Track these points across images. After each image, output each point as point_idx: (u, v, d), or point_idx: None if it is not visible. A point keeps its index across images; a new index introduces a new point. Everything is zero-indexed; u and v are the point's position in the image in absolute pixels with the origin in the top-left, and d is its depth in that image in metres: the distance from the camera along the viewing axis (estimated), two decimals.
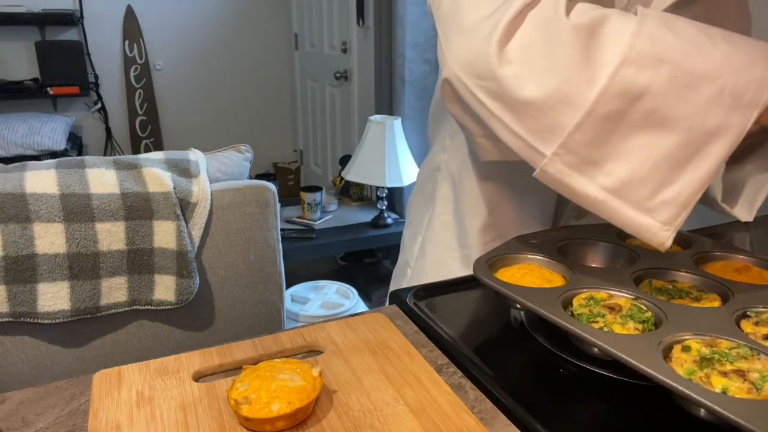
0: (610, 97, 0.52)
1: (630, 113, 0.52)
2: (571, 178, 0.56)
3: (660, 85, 0.51)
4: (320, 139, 3.92)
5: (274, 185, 1.25)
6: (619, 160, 0.54)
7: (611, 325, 0.55)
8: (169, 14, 3.79)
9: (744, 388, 0.47)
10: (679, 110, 0.51)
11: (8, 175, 1.03)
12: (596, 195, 0.55)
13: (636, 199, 0.54)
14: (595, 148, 0.54)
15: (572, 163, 0.55)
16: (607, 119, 0.53)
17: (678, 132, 0.52)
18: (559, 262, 0.68)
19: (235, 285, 1.20)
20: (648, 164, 0.53)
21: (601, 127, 0.53)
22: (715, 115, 0.51)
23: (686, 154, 0.52)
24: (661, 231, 0.55)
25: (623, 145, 0.53)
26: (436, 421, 0.52)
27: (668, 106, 0.52)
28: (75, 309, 1.03)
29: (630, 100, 0.52)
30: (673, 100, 0.51)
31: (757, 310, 0.58)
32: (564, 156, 0.55)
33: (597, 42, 0.53)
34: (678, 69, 0.51)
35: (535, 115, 0.55)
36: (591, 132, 0.53)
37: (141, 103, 3.83)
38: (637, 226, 0.55)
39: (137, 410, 0.54)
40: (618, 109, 0.52)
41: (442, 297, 0.77)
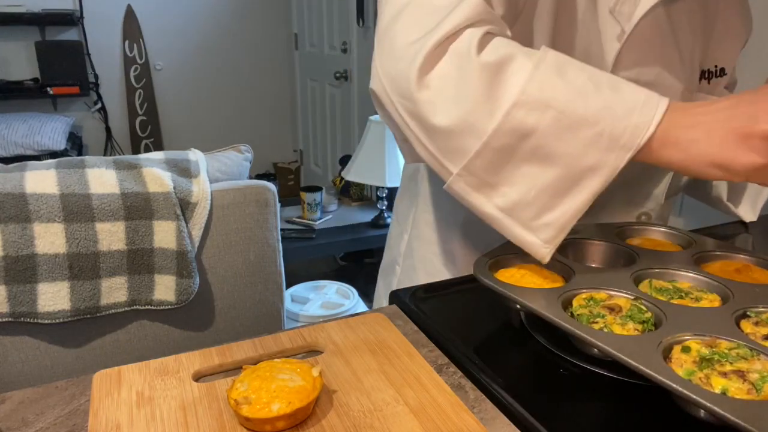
0: (503, 133, 0.59)
1: (519, 147, 0.60)
2: (471, 197, 0.64)
3: (545, 127, 0.58)
4: (320, 139, 3.92)
5: (274, 185, 1.25)
6: (512, 186, 0.62)
7: (611, 326, 0.55)
8: (169, 14, 3.79)
9: (744, 389, 0.47)
10: (561, 149, 0.59)
11: (8, 175, 1.03)
12: (492, 212, 0.63)
13: (523, 219, 0.62)
14: (491, 174, 0.62)
15: (473, 183, 0.63)
16: (501, 151, 0.60)
17: (559, 167, 0.59)
18: (559, 262, 0.68)
19: (235, 285, 1.20)
20: (533, 191, 0.61)
21: (496, 157, 0.60)
22: (592, 155, 0.58)
23: (565, 185, 0.60)
24: (542, 248, 0.62)
25: (514, 173, 0.61)
26: (436, 421, 0.52)
27: (551, 145, 0.59)
28: (75, 309, 1.03)
29: (519, 137, 0.59)
30: (555, 141, 0.58)
31: (757, 310, 0.58)
32: (466, 177, 0.62)
33: (499, 80, 0.59)
34: (561, 114, 0.58)
35: (444, 139, 0.62)
36: (487, 160, 0.61)
37: (141, 103, 3.84)
38: (524, 242, 0.63)
39: (137, 410, 0.54)
40: (509, 144, 0.59)
41: (442, 297, 0.77)
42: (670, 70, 0.73)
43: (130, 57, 3.74)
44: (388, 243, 1.07)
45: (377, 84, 0.66)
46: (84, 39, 3.58)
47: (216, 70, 4.02)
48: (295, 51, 4.08)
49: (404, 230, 1.00)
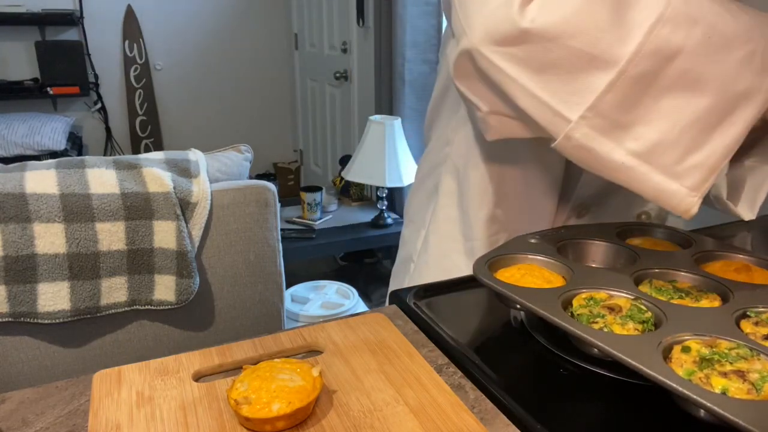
0: (643, 56, 0.50)
1: (663, 74, 0.51)
2: (597, 143, 0.54)
3: (694, 45, 0.50)
4: (320, 139, 3.92)
5: (274, 185, 1.25)
6: (649, 124, 0.52)
7: (611, 326, 0.55)
8: (169, 14, 3.79)
9: (744, 389, 0.47)
10: (712, 72, 0.51)
11: (8, 175, 1.03)
12: (623, 160, 0.54)
13: (664, 163, 0.53)
14: (624, 111, 0.52)
15: (600, 126, 0.54)
16: (640, 80, 0.51)
17: (709, 94, 0.51)
18: (559, 262, 0.68)
19: (235, 285, 1.20)
20: (678, 127, 0.52)
21: (633, 89, 0.52)
22: (746, 77, 0.51)
23: (716, 117, 0.52)
24: (688, 197, 0.54)
25: (653, 107, 0.52)
26: (436, 421, 0.52)
27: (701, 66, 0.51)
28: (75, 309, 1.03)
29: (664, 60, 0.51)
30: (706, 61, 0.51)
31: (757, 310, 0.58)
32: (592, 119, 0.53)
33: (629, 1, 0.51)
34: (712, 29, 0.50)
35: (562, 78, 0.54)
36: (622, 93, 0.52)
37: (141, 103, 3.84)
38: (664, 192, 0.54)
39: (137, 410, 0.54)
40: (651, 70, 0.51)
41: (442, 297, 0.77)
42: None
43: (130, 57, 3.74)
44: (402, 242, 1.06)
45: (467, 42, 0.58)
46: (84, 39, 3.58)
47: (216, 70, 4.02)
48: (295, 51, 4.08)
49: (420, 227, 0.99)
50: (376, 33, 2.82)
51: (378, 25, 2.78)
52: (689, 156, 0.53)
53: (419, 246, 0.99)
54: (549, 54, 0.53)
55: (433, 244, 0.95)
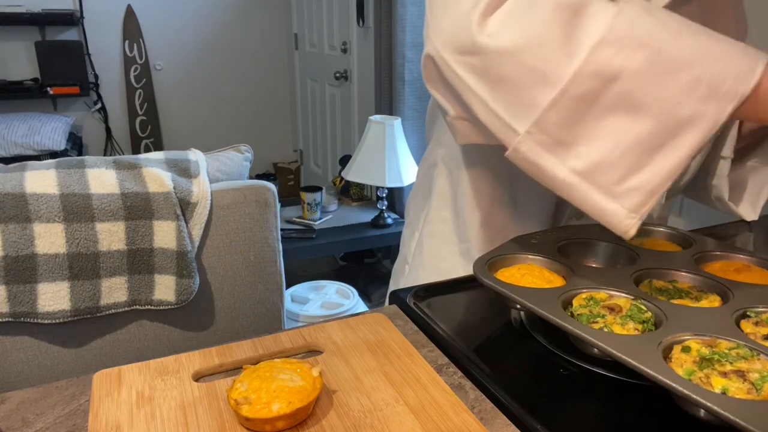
0: (585, 76, 0.51)
1: (604, 95, 0.52)
2: (541, 158, 0.56)
3: (636, 68, 0.51)
4: (320, 139, 3.92)
5: (274, 185, 1.25)
6: (591, 143, 0.53)
7: (611, 326, 0.55)
8: (169, 14, 3.79)
9: (744, 389, 0.47)
10: (654, 95, 0.51)
11: (8, 175, 1.03)
12: (565, 177, 0.55)
13: (604, 183, 0.54)
14: (567, 129, 0.53)
15: (544, 142, 0.55)
16: (581, 99, 0.52)
17: (651, 118, 0.51)
18: (559, 262, 0.68)
19: (235, 285, 1.20)
20: (619, 149, 0.52)
21: (575, 107, 0.52)
22: (690, 103, 0.50)
23: (658, 141, 0.52)
24: (627, 218, 0.54)
25: (595, 127, 0.53)
26: (436, 421, 0.52)
27: (643, 90, 0.51)
28: (75, 309, 1.03)
29: (605, 81, 0.51)
30: (648, 85, 0.51)
31: (757, 310, 0.58)
32: (536, 135, 0.55)
33: (578, 21, 0.52)
34: (656, 54, 0.51)
35: (511, 92, 0.55)
36: (564, 111, 0.53)
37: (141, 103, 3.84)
38: (603, 212, 0.55)
39: (137, 410, 0.54)
40: (592, 90, 0.52)
41: (442, 297, 0.77)
42: None
43: (130, 57, 3.74)
44: (401, 244, 1.07)
45: (431, 46, 0.60)
46: (84, 39, 3.57)
47: (216, 70, 4.02)
48: (295, 51, 4.08)
49: (416, 228, 0.99)
50: (376, 33, 2.82)
51: (378, 25, 2.78)
52: (629, 178, 0.53)
53: (413, 248, 0.99)
54: (503, 67, 0.54)
55: (427, 245, 0.95)
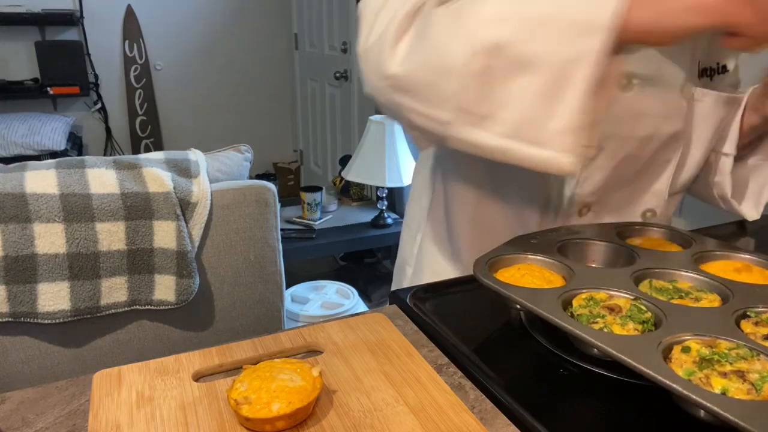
0: (477, 56, 0.59)
1: (497, 65, 0.59)
2: (473, 135, 0.62)
3: (512, 35, 0.58)
4: (320, 139, 3.92)
5: (274, 185, 1.25)
6: (505, 108, 0.60)
7: (611, 326, 0.55)
8: (169, 14, 3.79)
9: (743, 389, 0.47)
10: (535, 51, 0.58)
11: (8, 175, 1.04)
12: (498, 143, 0.61)
13: (531, 137, 0.60)
14: (482, 103, 0.60)
15: (471, 121, 0.61)
16: (482, 74, 0.59)
17: (542, 69, 0.58)
18: (559, 262, 0.68)
19: (235, 285, 1.20)
20: (526, 104, 0.59)
21: (480, 83, 0.60)
22: (567, 46, 0.57)
23: (555, 87, 0.58)
24: (563, 158, 0.59)
25: (503, 93, 0.60)
26: (436, 421, 0.52)
27: (525, 50, 0.58)
28: (75, 309, 1.03)
29: (493, 54, 0.59)
30: (527, 44, 0.58)
31: (757, 310, 0.58)
32: (462, 116, 0.61)
33: (459, 15, 0.61)
34: (525, 18, 0.59)
35: (430, 92, 0.63)
36: (473, 90, 0.60)
37: (141, 103, 3.84)
38: (542, 161, 0.60)
39: (137, 410, 0.54)
40: (487, 65, 0.59)
41: (442, 297, 0.77)
42: (670, 63, 0.73)
43: (130, 57, 3.74)
44: (400, 245, 1.07)
45: (369, 89, 0.70)
46: (84, 39, 3.58)
47: (216, 70, 4.02)
48: (295, 51, 4.08)
49: (417, 231, 1.00)
50: None
51: None
52: (549, 124, 0.59)
53: (415, 250, 0.99)
54: (417, 78, 0.63)
55: (426, 248, 0.96)
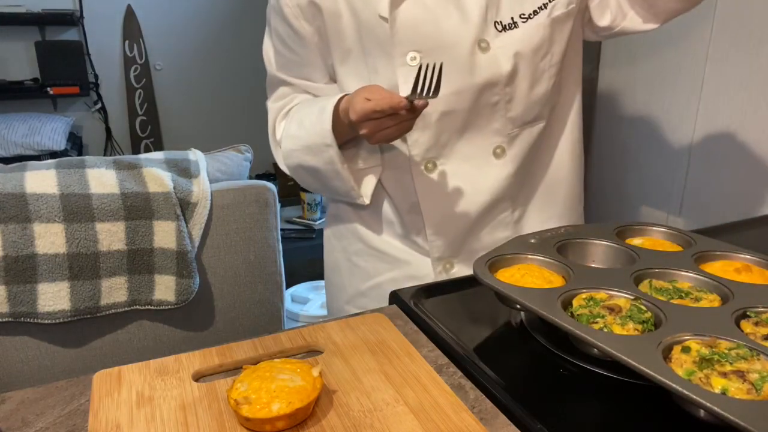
0: (291, 169, 1.00)
1: (303, 172, 0.98)
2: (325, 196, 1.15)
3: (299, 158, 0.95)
4: None
5: (274, 185, 1.25)
6: (324, 187, 0.98)
7: (611, 326, 0.55)
8: (169, 14, 3.79)
9: (743, 389, 0.47)
10: (313, 161, 0.92)
11: (8, 175, 1.03)
12: (335, 198, 1.04)
13: (339, 195, 0.98)
14: (311, 187, 1.03)
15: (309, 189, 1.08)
16: (301, 178, 1.00)
17: (322, 170, 0.92)
18: (559, 262, 0.68)
19: (235, 285, 1.20)
20: (328, 185, 0.95)
21: (301, 180, 1.01)
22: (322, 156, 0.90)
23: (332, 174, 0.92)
24: (356, 199, 0.94)
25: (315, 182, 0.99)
26: (436, 421, 0.52)
27: (309, 163, 0.93)
28: (75, 309, 1.03)
29: (297, 168, 0.98)
30: (309, 160, 0.93)
31: (756, 310, 0.58)
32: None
33: (279, 148, 1.01)
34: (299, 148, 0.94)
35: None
36: (302, 182, 1.02)
37: (141, 103, 3.83)
38: (350, 200, 0.96)
39: (137, 410, 0.54)
40: (298, 174, 1.00)
41: (442, 297, 0.77)
42: (450, 33, 0.83)
43: (130, 57, 3.74)
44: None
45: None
46: (84, 39, 3.57)
47: (216, 70, 4.02)
48: None
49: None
50: None
51: None
52: (339, 189, 0.96)
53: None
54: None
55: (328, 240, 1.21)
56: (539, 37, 0.84)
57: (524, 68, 0.85)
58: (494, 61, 0.84)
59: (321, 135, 0.87)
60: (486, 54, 0.83)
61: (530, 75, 0.85)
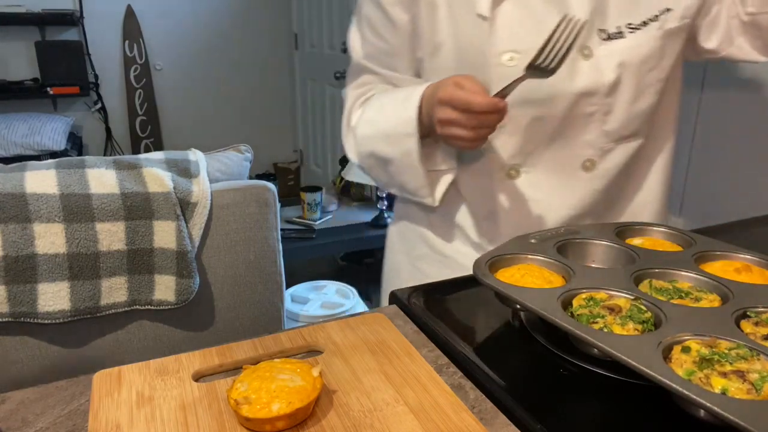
0: (362, 158, 0.95)
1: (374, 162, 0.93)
2: (388, 189, 1.02)
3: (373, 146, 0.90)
4: (320, 139, 3.92)
5: (274, 185, 1.25)
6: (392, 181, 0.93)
7: (611, 326, 0.55)
8: (169, 14, 3.79)
9: (743, 389, 0.47)
10: (387, 151, 0.87)
11: (8, 175, 1.03)
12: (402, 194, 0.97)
13: (408, 191, 0.92)
14: (379, 179, 0.98)
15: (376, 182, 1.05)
16: (370, 168, 0.96)
17: (395, 161, 0.87)
18: (559, 262, 0.68)
19: (235, 285, 1.20)
20: (397, 178, 0.90)
21: (370, 170, 0.96)
22: (400, 146, 0.85)
23: (404, 167, 0.87)
24: (425, 199, 0.90)
25: (384, 175, 0.93)
26: (436, 421, 0.52)
27: (382, 152, 0.89)
28: (75, 309, 1.03)
29: (370, 157, 0.93)
30: (382, 149, 0.88)
31: (756, 310, 0.58)
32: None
33: (352, 136, 0.95)
34: (376, 136, 0.90)
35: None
36: (370, 173, 0.97)
37: (141, 103, 3.83)
38: (417, 199, 0.92)
39: (137, 410, 0.54)
40: (369, 163, 0.95)
41: (442, 297, 0.77)
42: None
43: (130, 57, 3.74)
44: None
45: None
46: (84, 39, 3.57)
47: (216, 70, 4.02)
48: (295, 51, 4.08)
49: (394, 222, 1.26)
50: None
51: None
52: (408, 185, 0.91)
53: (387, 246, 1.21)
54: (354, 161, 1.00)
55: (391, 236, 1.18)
56: (648, 49, 0.80)
57: (628, 80, 0.80)
58: (596, 69, 0.79)
59: (403, 123, 0.82)
60: (588, 61, 0.79)
61: (634, 87, 0.81)
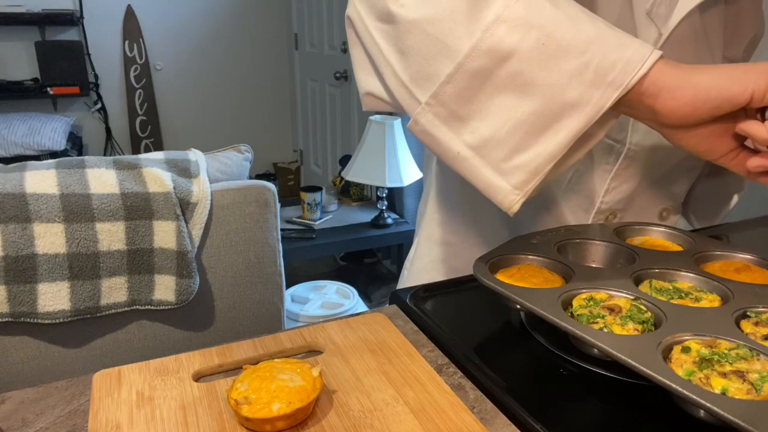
0: (479, 53, 0.53)
1: (496, 72, 0.53)
2: (439, 131, 0.57)
3: (526, 50, 0.52)
4: (320, 139, 3.92)
5: (274, 185, 1.25)
6: (483, 119, 0.55)
7: (611, 326, 0.55)
8: (169, 14, 3.79)
9: (743, 389, 0.47)
10: (542, 77, 0.52)
11: (8, 175, 1.04)
12: (459, 150, 0.57)
13: (493, 159, 0.56)
14: (462, 104, 0.55)
15: (441, 115, 0.57)
16: (476, 75, 0.54)
17: (537, 99, 0.53)
18: (559, 262, 0.68)
19: (235, 285, 1.20)
20: (507, 127, 0.54)
21: (470, 83, 0.54)
22: (576, 88, 0.52)
23: (543, 122, 0.53)
24: (511, 194, 0.56)
25: (488, 104, 0.55)
26: (436, 421, 0.52)
27: (531, 71, 0.52)
28: (75, 309, 1.03)
29: (496, 60, 0.53)
30: (537, 67, 0.52)
31: (757, 310, 0.58)
32: (435, 107, 0.57)
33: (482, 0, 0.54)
34: (546, 36, 0.52)
35: (417, 61, 0.57)
36: (460, 86, 0.55)
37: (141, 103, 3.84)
38: (491, 187, 0.57)
39: (137, 410, 0.54)
40: (486, 67, 0.53)
41: (442, 297, 0.77)
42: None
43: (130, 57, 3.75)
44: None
45: (353, 10, 0.63)
46: (84, 39, 3.58)
47: (216, 70, 4.02)
48: (295, 51, 4.08)
49: (416, 233, 0.99)
50: None
51: None
52: (515, 156, 0.55)
53: (412, 254, 0.99)
54: (410, 36, 0.56)
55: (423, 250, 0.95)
56: None
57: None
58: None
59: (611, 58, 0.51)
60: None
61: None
